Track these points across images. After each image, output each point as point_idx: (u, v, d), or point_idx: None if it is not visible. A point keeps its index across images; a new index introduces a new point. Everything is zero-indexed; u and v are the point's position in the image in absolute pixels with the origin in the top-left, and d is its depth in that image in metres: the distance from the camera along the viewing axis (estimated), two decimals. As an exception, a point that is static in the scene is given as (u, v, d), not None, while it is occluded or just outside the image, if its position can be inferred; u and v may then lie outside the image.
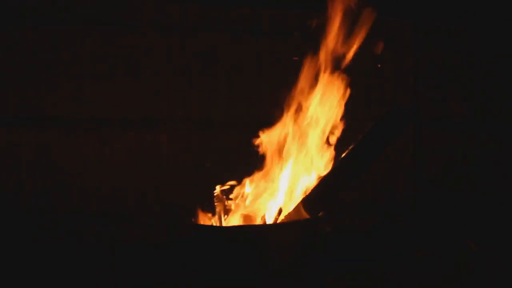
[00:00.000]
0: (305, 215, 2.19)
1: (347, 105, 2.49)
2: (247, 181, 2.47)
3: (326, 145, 2.43)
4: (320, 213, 2.22)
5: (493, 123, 3.47)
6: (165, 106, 2.99)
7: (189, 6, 3.00)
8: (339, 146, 2.42)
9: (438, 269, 2.65)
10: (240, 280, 2.09)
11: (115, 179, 2.91)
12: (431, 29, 3.35)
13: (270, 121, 2.57)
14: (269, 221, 2.29)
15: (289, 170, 2.46)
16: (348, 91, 2.46)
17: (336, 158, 2.39)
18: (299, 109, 2.51)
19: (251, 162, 2.48)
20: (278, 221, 2.25)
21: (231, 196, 2.43)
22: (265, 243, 2.11)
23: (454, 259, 2.76)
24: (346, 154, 2.31)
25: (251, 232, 2.14)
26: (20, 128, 2.82)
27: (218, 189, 2.39)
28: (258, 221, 2.29)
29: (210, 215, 2.34)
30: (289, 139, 2.47)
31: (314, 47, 2.54)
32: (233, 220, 2.33)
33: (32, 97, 2.84)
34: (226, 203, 2.40)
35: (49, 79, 2.85)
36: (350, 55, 2.48)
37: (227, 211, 2.39)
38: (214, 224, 2.29)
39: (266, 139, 2.49)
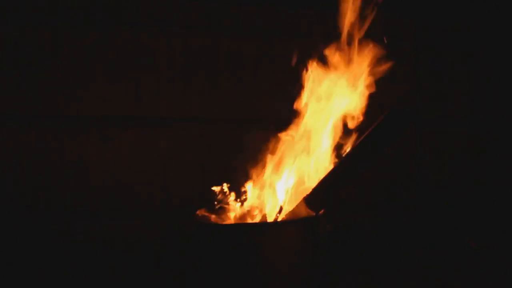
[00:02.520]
0: (306, 213, 2.18)
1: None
2: (248, 179, 2.47)
3: (328, 144, 2.43)
4: (321, 211, 2.22)
5: (493, 122, 3.47)
6: (166, 104, 2.99)
7: (191, 5, 3.00)
8: (341, 145, 2.42)
9: (438, 268, 2.65)
10: (240, 279, 2.08)
11: (115, 178, 2.91)
12: (433, 28, 3.35)
13: (271, 119, 2.57)
14: (270, 219, 2.29)
15: (291, 168, 2.45)
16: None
17: (338, 157, 2.38)
18: (301, 109, 2.51)
19: (253, 160, 2.49)
20: (278, 219, 2.24)
21: (232, 195, 2.43)
22: (265, 241, 2.11)
23: (454, 258, 2.76)
24: (347, 154, 2.31)
25: (251, 230, 2.14)
26: (19, 127, 2.82)
27: (218, 187, 2.39)
28: (259, 219, 2.29)
29: (211, 213, 2.34)
30: (291, 137, 2.47)
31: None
32: (234, 218, 2.33)
33: (31, 95, 2.83)
34: (227, 201, 2.39)
35: (49, 77, 2.85)
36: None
37: (228, 209, 2.39)
38: (215, 222, 2.28)
39: (270, 138, 2.49)
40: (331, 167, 2.35)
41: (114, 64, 2.92)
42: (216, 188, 2.39)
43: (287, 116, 2.51)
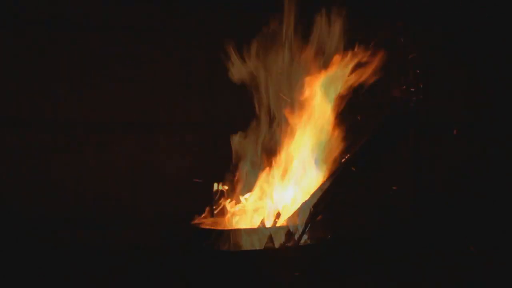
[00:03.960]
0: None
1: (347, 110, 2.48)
2: (248, 184, 2.47)
3: (326, 151, 2.42)
4: (319, 217, 2.22)
5: (493, 126, 3.44)
6: (164, 110, 2.98)
7: (186, 12, 3.00)
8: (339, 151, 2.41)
9: (439, 271, 2.64)
10: (239, 284, 2.09)
11: (114, 184, 2.90)
12: (434, 33, 3.33)
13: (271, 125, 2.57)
14: (268, 224, 2.29)
15: (288, 175, 2.45)
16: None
17: (336, 164, 2.37)
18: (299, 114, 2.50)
19: (252, 166, 2.49)
20: (277, 225, 2.24)
21: (231, 200, 2.43)
22: (263, 247, 2.11)
23: (454, 260, 2.75)
24: (345, 160, 2.30)
25: (248, 236, 2.14)
26: (17, 132, 2.80)
27: (218, 192, 2.39)
28: (257, 225, 2.29)
29: (210, 218, 2.34)
30: (288, 143, 2.46)
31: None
32: (233, 223, 2.33)
33: (30, 100, 2.81)
34: (226, 206, 2.39)
35: (47, 82, 2.84)
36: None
37: (227, 215, 2.39)
38: (213, 228, 2.28)
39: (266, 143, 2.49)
40: (329, 173, 2.34)
41: (113, 69, 2.92)
42: (215, 193, 2.40)
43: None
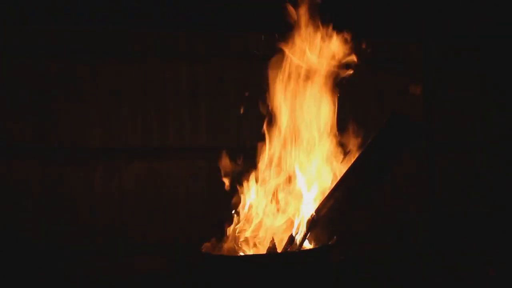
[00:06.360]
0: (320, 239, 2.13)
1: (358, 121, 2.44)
2: (258, 206, 2.41)
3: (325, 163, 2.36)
4: (333, 240, 2.16)
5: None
6: (173, 135, 2.97)
7: (195, 34, 2.99)
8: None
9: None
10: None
11: (124, 208, 2.89)
12: (443, 50, 3.30)
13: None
14: (280, 248, 2.22)
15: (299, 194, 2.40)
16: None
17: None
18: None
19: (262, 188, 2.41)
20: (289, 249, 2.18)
21: (242, 223, 2.38)
22: (278, 272, 2.05)
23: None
24: (349, 168, 2.22)
25: (263, 261, 2.08)
26: (27, 158, 2.82)
27: (228, 216, 2.34)
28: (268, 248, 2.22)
29: (221, 243, 2.29)
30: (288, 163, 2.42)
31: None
32: (243, 248, 2.27)
33: (39, 128, 2.84)
34: (237, 230, 2.34)
35: (57, 109, 2.86)
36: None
37: (237, 239, 2.33)
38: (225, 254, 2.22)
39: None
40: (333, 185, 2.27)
41: (121, 96, 2.93)
42: (225, 218, 2.35)
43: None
